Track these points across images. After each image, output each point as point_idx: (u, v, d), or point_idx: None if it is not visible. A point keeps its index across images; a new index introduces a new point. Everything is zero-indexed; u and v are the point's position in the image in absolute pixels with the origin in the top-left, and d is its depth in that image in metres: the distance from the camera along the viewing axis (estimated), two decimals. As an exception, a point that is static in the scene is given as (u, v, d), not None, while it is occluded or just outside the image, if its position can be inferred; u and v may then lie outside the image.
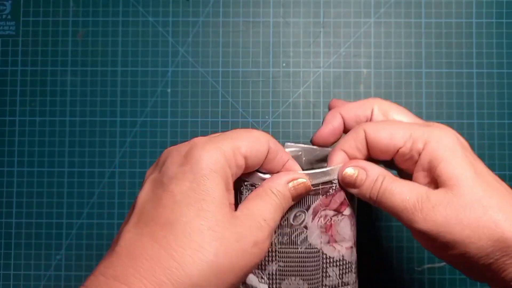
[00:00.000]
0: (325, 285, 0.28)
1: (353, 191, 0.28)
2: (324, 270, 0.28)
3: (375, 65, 0.44)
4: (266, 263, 0.28)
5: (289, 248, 0.28)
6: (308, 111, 0.44)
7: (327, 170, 0.27)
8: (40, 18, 0.44)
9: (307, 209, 0.28)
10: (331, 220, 0.28)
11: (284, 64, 0.44)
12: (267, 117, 0.44)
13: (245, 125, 0.43)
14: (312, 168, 0.29)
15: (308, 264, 0.28)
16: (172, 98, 0.44)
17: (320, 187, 0.27)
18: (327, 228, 0.28)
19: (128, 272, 0.20)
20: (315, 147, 0.30)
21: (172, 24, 0.44)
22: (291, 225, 0.28)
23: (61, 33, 0.44)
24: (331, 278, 0.28)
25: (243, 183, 0.27)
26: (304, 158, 0.30)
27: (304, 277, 0.28)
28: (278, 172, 0.27)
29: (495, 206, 0.24)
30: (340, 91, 0.44)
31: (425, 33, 0.44)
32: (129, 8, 0.44)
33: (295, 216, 0.28)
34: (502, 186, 0.25)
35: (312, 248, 0.28)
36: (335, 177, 0.28)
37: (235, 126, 0.43)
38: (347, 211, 0.28)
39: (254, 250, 0.23)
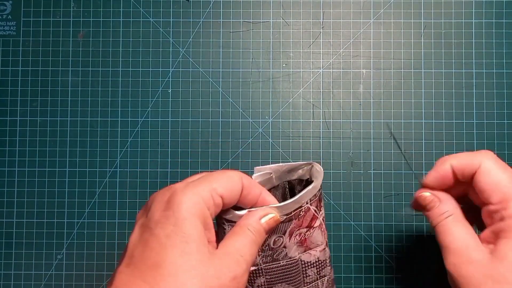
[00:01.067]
0: (306, 282, 0.33)
1: (423, 212, 0.31)
2: (304, 272, 0.32)
3: (375, 66, 0.44)
4: (255, 278, 0.32)
5: (272, 264, 0.32)
6: (308, 111, 0.44)
7: (297, 199, 0.30)
8: (40, 18, 0.44)
9: (284, 233, 0.31)
10: (305, 235, 0.32)
11: (284, 65, 0.44)
12: (267, 117, 0.44)
13: (245, 125, 0.44)
14: (283, 182, 0.33)
15: (290, 272, 0.32)
16: (173, 98, 0.44)
17: (293, 213, 0.30)
18: (302, 242, 0.32)
19: None
20: (281, 163, 0.33)
21: (173, 24, 0.44)
22: (272, 248, 0.31)
23: (62, 33, 0.44)
24: (310, 276, 0.33)
25: (223, 220, 0.29)
26: (274, 176, 0.33)
27: (288, 282, 0.32)
28: (254, 204, 0.29)
29: None
30: (339, 91, 0.44)
31: (425, 33, 0.44)
32: (130, 9, 0.44)
33: (274, 241, 0.31)
34: None
35: (292, 260, 0.32)
36: (304, 201, 0.31)
37: (235, 126, 0.44)
38: (317, 222, 0.32)
39: (233, 284, 0.25)
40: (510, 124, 0.43)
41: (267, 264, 0.31)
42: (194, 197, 0.25)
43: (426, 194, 0.30)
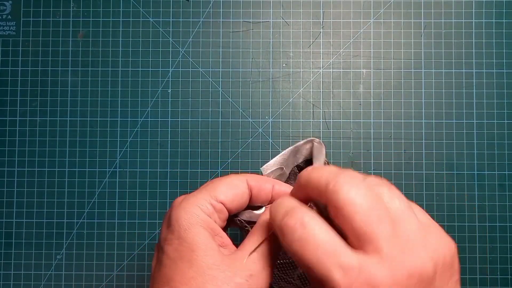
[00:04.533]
0: None
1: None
2: None
3: (375, 66, 0.44)
4: (292, 271, 0.30)
5: None
6: (308, 111, 0.44)
7: None
8: (40, 18, 0.44)
9: None
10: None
11: (284, 65, 0.44)
12: (267, 117, 0.44)
13: (245, 125, 0.44)
14: (293, 168, 0.32)
15: None
16: (172, 98, 0.44)
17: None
18: None
19: None
20: (283, 152, 0.32)
21: (172, 24, 0.44)
22: None
23: (62, 33, 0.44)
24: None
25: (245, 223, 0.29)
26: (284, 168, 0.32)
27: None
28: (271, 199, 0.29)
29: None
30: (339, 91, 0.44)
31: (425, 33, 0.44)
32: (130, 9, 0.44)
33: None
34: None
35: None
36: None
37: (235, 126, 0.44)
38: None
39: (251, 282, 0.24)
40: (510, 124, 0.43)
41: None
42: (191, 207, 0.26)
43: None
